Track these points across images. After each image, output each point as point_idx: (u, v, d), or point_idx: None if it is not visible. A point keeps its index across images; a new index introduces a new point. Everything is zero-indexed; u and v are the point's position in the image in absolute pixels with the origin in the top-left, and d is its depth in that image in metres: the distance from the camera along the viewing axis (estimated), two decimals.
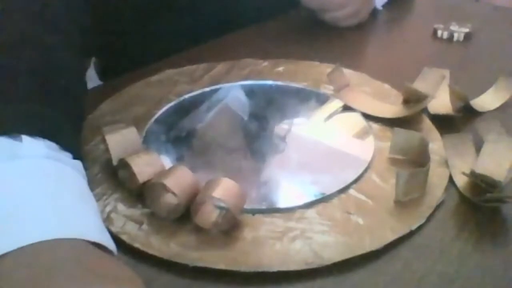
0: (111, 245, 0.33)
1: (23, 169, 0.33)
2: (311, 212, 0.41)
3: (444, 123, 0.52)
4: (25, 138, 0.35)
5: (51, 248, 0.29)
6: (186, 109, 0.55)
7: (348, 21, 0.74)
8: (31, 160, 0.34)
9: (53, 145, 0.36)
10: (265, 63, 0.63)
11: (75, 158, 0.38)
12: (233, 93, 0.55)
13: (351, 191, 0.44)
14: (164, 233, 0.39)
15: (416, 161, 0.46)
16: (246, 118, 0.52)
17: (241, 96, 0.55)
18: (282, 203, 0.43)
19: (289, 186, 0.47)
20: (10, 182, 0.32)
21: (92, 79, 0.85)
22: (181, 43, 0.66)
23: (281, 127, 0.50)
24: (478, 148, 0.46)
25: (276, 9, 0.77)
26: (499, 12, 0.82)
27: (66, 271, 0.28)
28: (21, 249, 0.29)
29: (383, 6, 0.80)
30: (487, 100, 0.56)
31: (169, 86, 0.58)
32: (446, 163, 0.47)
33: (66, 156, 0.37)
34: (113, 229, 0.39)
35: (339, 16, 0.73)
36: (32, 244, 0.29)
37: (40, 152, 0.35)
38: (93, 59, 0.89)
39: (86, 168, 0.39)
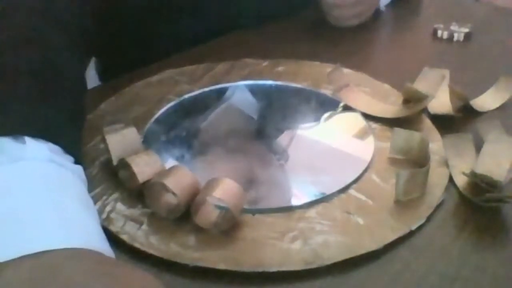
0: (110, 252, 0.33)
1: (26, 172, 0.33)
2: (311, 212, 0.41)
3: (444, 123, 0.52)
4: (28, 140, 0.34)
5: (55, 257, 0.29)
6: (186, 109, 0.55)
7: (351, 21, 0.73)
8: (34, 163, 0.33)
9: (56, 148, 0.36)
10: (265, 63, 0.63)
11: (76, 162, 0.38)
12: (239, 93, 0.55)
13: (351, 191, 0.44)
14: (164, 233, 0.39)
15: (416, 161, 0.46)
16: (255, 117, 0.52)
17: (248, 96, 0.55)
18: (282, 203, 0.43)
19: (289, 186, 0.47)
20: (13, 186, 0.32)
21: (92, 79, 0.85)
22: (181, 43, 0.66)
23: (283, 137, 0.50)
24: (478, 148, 0.46)
25: (277, 11, 0.77)
26: (499, 12, 0.81)
27: (74, 277, 0.28)
28: (24, 258, 0.29)
29: (386, 6, 0.80)
30: (487, 100, 0.56)
31: (169, 86, 0.58)
32: (446, 163, 0.47)
33: (68, 160, 0.37)
34: (113, 229, 0.39)
35: (347, 14, 0.72)
36: (35, 254, 0.29)
37: (43, 155, 0.34)
38: (93, 59, 0.89)
39: (85, 168, 0.39)
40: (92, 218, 0.34)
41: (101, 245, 0.32)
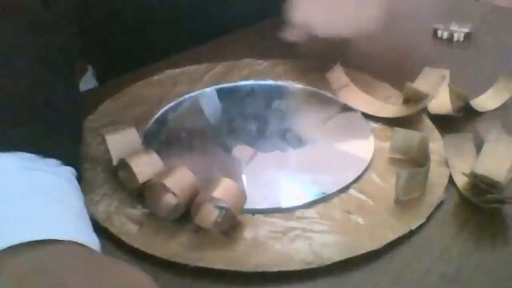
0: (92, 243, 0.33)
1: None
2: (311, 212, 0.41)
3: (444, 123, 0.52)
4: None
5: (43, 254, 0.30)
6: (186, 109, 0.55)
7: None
8: (2, 173, 0.35)
9: (30, 156, 0.36)
10: (265, 63, 0.63)
11: (67, 164, 0.38)
12: (208, 97, 0.57)
13: (351, 191, 0.44)
14: (164, 233, 0.39)
15: (416, 161, 0.46)
16: (211, 121, 0.53)
17: (215, 101, 0.56)
18: (282, 203, 0.43)
19: (289, 186, 0.47)
20: None
21: (92, 82, 0.86)
22: (181, 43, 0.66)
23: (244, 150, 0.50)
24: (478, 148, 0.46)
25: (276, 9, 0.77)
26: (499, 12, 0.81)
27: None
28: (8, 255, 0.29)
29: None
30: (487, 100, 0.56)
31: (169, 86, 0.58)
32: (446, 163, 0.47)
33: (50, 164, 0.37)
34: (113, 229, 0.39)
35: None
36: (19, 251, 0.29)
37: (14, 165, 0.35)
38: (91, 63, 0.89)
39: (85, 169, 0.39)
40: (71, 212, 0.35)
41: (80, 237, 0.32)
